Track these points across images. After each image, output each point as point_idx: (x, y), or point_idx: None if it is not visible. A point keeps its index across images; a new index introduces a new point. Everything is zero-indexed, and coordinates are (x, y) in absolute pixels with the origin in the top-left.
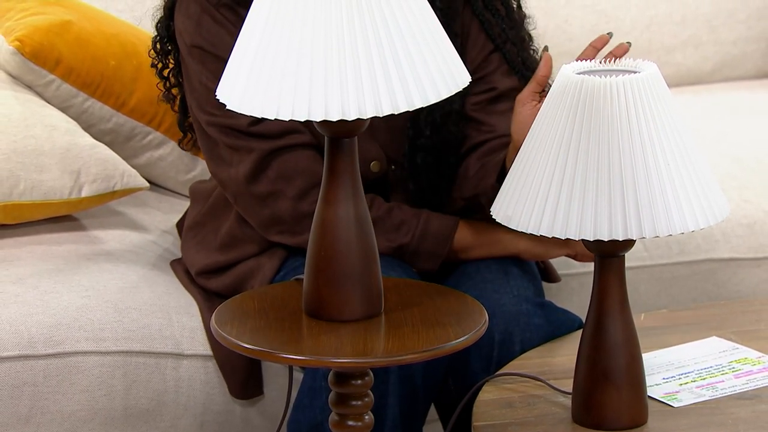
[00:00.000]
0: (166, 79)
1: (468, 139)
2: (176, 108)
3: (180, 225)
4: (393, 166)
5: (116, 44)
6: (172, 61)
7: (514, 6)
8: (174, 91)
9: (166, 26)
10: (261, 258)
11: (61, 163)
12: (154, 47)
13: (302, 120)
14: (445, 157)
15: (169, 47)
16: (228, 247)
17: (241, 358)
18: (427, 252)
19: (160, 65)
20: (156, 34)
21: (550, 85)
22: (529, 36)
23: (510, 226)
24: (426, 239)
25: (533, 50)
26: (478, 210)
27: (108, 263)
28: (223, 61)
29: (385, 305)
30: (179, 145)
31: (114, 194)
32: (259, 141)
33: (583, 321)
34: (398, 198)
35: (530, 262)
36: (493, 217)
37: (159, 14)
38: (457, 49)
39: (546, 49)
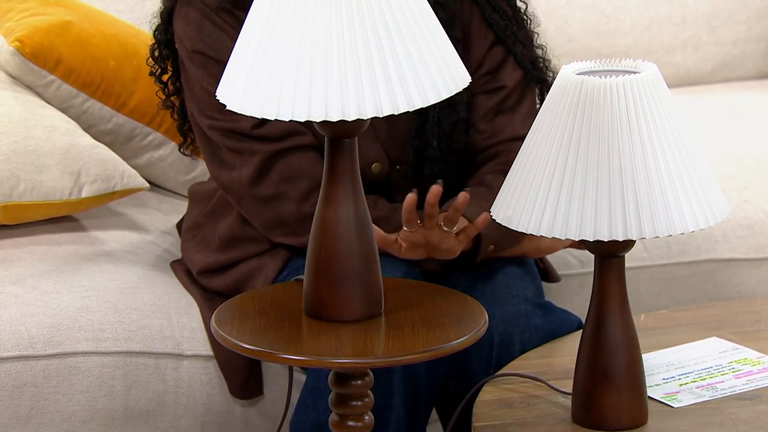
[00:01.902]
0: (165, 85)
1: (473, 145)
2: (176, 116)
3: (180, 225)
4: (398, 166)
5: (116, 45)
6: (170, 67)
7: (521, 7)
8: (173, 98)
9: (164, 31)
10: (263, 258)
11: (61, 163)
12: (152, 55)
13: (302, 120)
14: (453, 165)
15: (167, 53)
16: (229, 247)
17: (241, 359)
18: None
19: (158, 71)
20: (154, 41)
21: None
22: (537, 35)
23: (510, 227)
24: None
25: (541, 50)
26: None
27: (108, 264)
28: (224, 66)
29: (385, 305)
30: (179, 149)
31: (114, 195)
32: (262, 143)
33: (583, 321)
34: (402, 199)
35: (530, 262)
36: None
37: (156, 21)
38: (459, 53)
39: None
